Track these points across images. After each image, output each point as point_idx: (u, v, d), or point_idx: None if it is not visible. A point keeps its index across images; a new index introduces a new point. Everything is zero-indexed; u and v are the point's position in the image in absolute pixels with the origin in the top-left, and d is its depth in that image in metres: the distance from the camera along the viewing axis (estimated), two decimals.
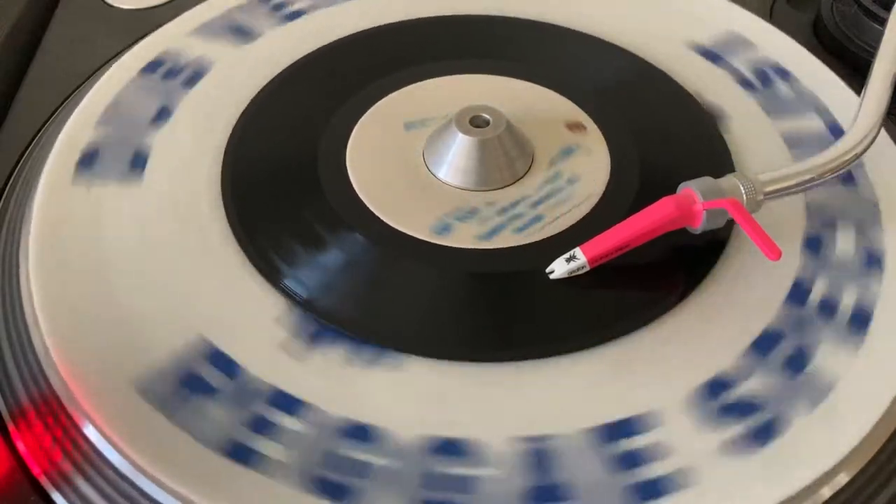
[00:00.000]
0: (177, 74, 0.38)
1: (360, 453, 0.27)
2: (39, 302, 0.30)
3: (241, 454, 0.27)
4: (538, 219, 0.33)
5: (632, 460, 0.27)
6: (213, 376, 0.29)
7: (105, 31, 0.43)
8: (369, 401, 0.28)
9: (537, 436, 0.27)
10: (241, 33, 0.40)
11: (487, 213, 0.33)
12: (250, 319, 0.30)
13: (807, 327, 0.30)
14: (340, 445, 0.27)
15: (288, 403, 0.28)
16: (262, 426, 0.27)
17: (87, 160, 0.35)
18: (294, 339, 0.30)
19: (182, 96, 0.37)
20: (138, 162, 0.35)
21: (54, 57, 0.43)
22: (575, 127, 0.32)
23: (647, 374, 0.29)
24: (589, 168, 0.34)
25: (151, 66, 0.39)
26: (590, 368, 0.29)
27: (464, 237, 0.32)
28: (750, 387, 0.29)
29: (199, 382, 0.28)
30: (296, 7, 0.42)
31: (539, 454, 0.27)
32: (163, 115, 0.37)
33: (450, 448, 0.27)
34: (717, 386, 0.29)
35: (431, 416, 0.28)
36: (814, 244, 0.33)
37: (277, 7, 0.42)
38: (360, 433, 0.27)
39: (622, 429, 0.28)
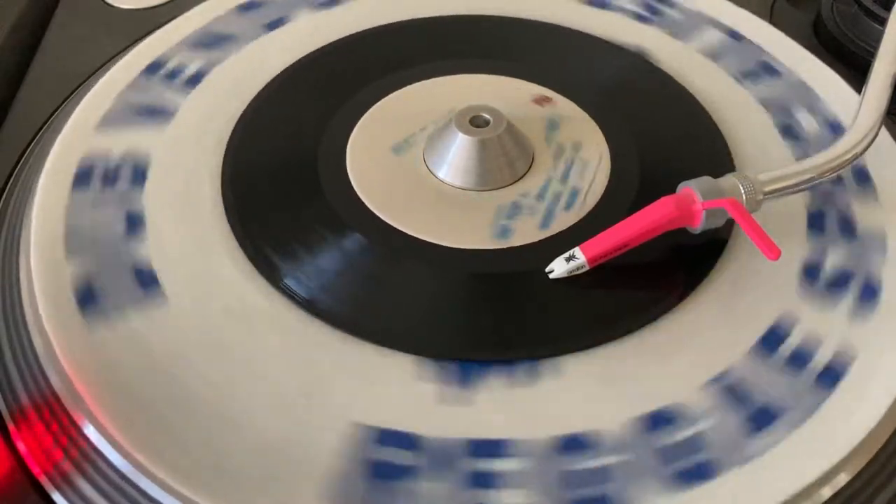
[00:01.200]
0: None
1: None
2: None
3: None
4: (576, 192, 0.33)
5: None
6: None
7: (105, 31, 0.43)
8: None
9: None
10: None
11: (528, 202, 0.33)
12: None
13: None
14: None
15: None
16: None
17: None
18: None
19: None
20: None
21: (54, 57, 0.43)
22: (542, 100, 0.31)
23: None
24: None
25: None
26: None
27: (527, 232, 0.32)
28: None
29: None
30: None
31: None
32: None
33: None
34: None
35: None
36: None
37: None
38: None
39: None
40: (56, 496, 0.28)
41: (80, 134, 0.36)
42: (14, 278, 0.32)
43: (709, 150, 0.36)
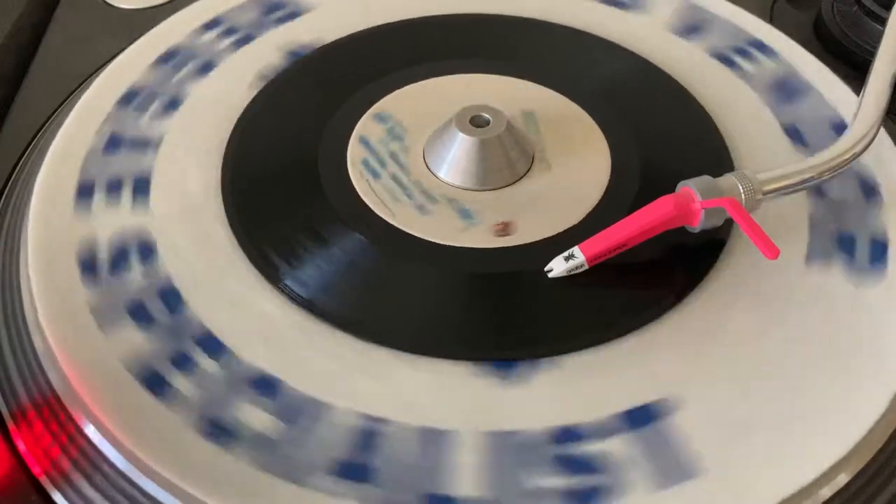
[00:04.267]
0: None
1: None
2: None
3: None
4: None
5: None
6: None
7: (105, 31, 0.43)
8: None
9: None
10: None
11: None
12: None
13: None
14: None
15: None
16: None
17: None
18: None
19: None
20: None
21: (54, 57, 0.43)
22: (501, 228, 0.32)
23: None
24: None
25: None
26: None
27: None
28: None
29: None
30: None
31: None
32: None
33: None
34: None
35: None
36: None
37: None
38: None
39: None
40: (56, 496, 0.28)
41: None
42: (14, 278, 0.32)
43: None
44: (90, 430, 0.28)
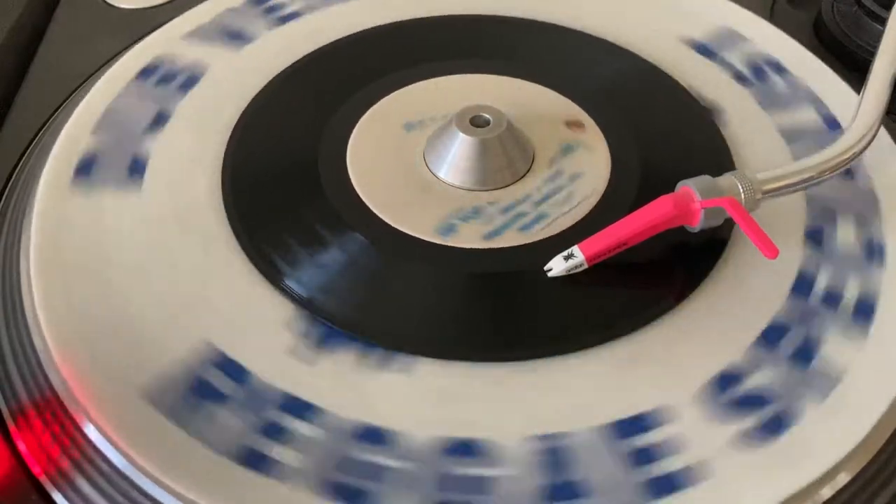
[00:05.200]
0: (175, 77, 0.38)
1: (373, 456, 0.27)
2: (40, 302, 0.30)
3: (250, 459, 0.27)
4: (542, 217, 0.33)
5: (643, 457, 0.27)
6: (220, 382, 0.28)
7: (105, 31, 0.43)
8: (380, 403, 0.28)
9: (550, 434, 0.28)
10: (239, 34, 0.40)
11: (491, 211, 0.33)
12: (255, 322, 0.30)
13: (811, 322, 0.30)
14: (354, 449, 0.27)
15: (298, 408, 0.28)
16: (272, 431, 0.27)
17: (87, 163, 0.35)
18: (302, 342, 0.30)
19: (181, 98, 0.37)
20: (138, 166, 0.35)
21: (54, 57, 0.43)
22: (574, 125, 0.32)
23: (655, 371, 0.29)
24: (589, 167, 0.35)
25: (149, 70, 0.39)
26: (597, 367, 0.29)
27: (469, 237, 0.32)
28: (756, 383, 0.29)
29: (207, 388, 0.28)
30: (294, 7, 0.42)
31: (552, 452, 0.27)
32: (162, 117, 0.37)
33: (463, 449, 0.27)
34: (725, 381, 0.29)
35: (442, 417, 0.28)
36: (815, 238, 0.33)
37: (275, 8, 0.42)
38: (372, 436, 0.27)
39: (633, 426, 0.28)
40: (56, 496, 0.28)
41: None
42: (14, 279, 0.32)
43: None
44: (90, 430, 0.28)
